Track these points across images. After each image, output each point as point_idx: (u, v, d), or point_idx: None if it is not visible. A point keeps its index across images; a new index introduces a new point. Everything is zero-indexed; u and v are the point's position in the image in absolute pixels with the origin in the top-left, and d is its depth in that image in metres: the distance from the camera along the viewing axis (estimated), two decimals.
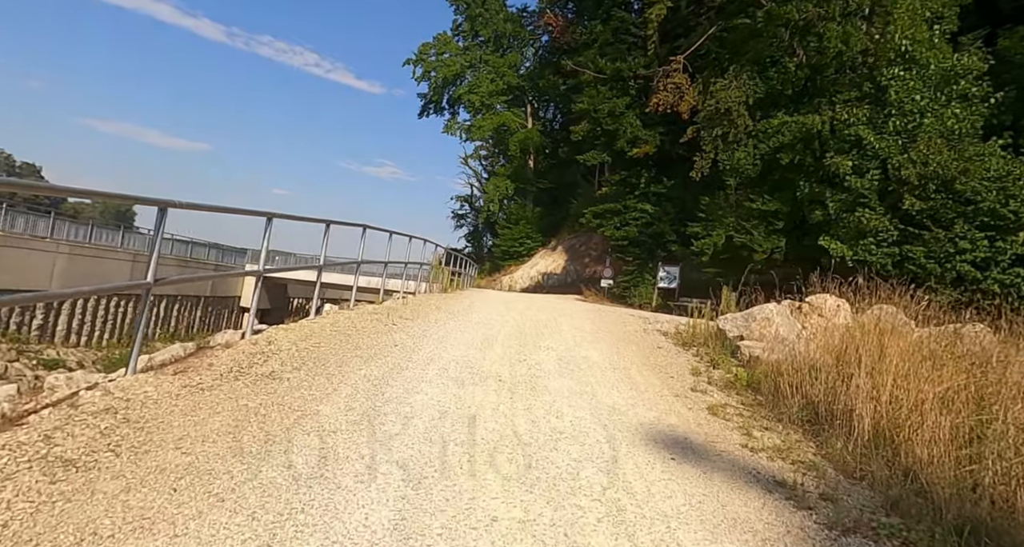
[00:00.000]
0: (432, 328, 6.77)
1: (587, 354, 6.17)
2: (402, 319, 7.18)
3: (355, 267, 8.54)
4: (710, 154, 17.95)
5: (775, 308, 7.27)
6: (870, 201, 13.28)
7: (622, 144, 21.69)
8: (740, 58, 17.66)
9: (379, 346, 5.34)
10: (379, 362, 4.71)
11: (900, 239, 12.87)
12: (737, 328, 7.31)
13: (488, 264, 36.51)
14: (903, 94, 13.25)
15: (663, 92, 18.49)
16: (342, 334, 5.62)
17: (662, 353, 6.82)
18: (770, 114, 17.53)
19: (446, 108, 41.95)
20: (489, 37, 40.34)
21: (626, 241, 22.81)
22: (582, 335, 7.66)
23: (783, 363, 5.60)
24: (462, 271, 19.47)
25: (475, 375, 4.67)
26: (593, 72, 23.27)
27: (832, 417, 4.00)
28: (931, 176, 12.19)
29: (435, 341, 5.93)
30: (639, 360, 6.19)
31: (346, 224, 8.49)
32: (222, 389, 3.43)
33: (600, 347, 6.78)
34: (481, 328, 7.23)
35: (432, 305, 9.46)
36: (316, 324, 5.94)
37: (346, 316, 6.68)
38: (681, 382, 5.31)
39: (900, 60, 13.41)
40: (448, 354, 5.35)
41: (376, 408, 3.54)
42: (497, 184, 37.99)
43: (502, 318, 8.52)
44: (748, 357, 6.42)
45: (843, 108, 14.30)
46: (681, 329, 9.09)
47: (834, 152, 14.39)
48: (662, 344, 7.54)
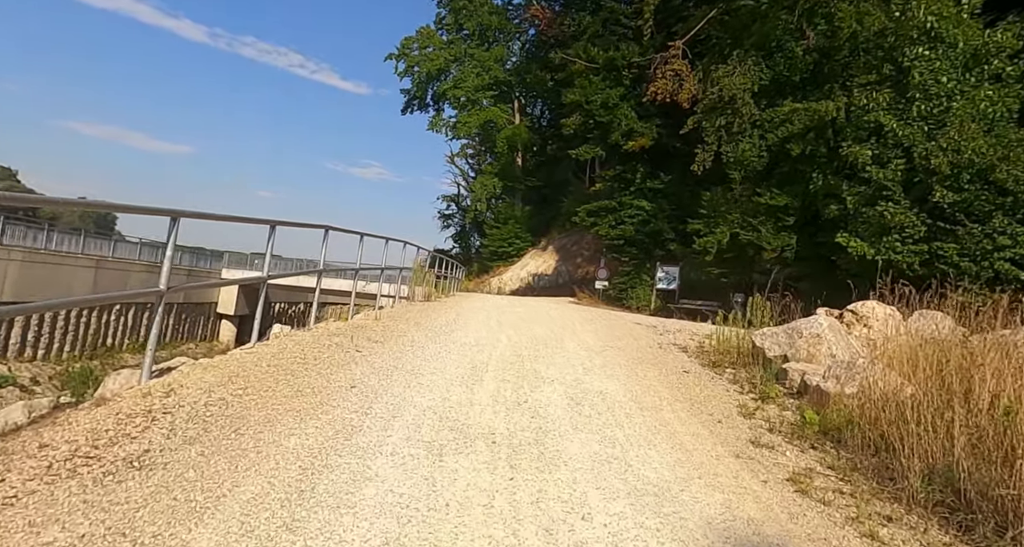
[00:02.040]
0: (406, 355, 5.41)
1: (603, 386, 4.84)
2: (370, 342, 5.81)
3: (317, 275, 7.16)
4: (712, 146, 16.72)
5: (825, 322, 5.99)
6: (894, 194, 12.09)
7: (616, 137, 20.42)
8: (743, 43, 16.45)
9: (330, 389, 3.97)
10: (323, 419, 3.35)
11: (929, 235, 11.69)
12: (779, 346, 6.03)
13: (476, 265, 35.13)
14: (928, 76, 12.07)
15: (661, 80, 17.24)
16: (284, 371, 4.25)
17: (692, 380, 5.51)
18: (776, 103, 16.34)
19: (430, 104, 40.51)
20: (474, 30, 38.95)
21: (622, 240, 21.56)
22: (590, 355, 6.34)
23: (862, 398, 4.33)
24: (448, 274, 18.11)
25: (458, 434, 3.32)
26: (585, 62, 21.98)
27: (991, 501, 2.70)
28: (965, 165, 11.02)
29: (407, 376, 4.57)
30: (668, 393, 4.88)
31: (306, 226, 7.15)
32: (27, 505, 2.05)
33: (615, 373, 5.46)
34: (468, 352, 5.88)
35: (410, 319, 8.09)
36: (252, 356, 4.56)
37: (296, 342, 5.30)
38: (734, 429, 4.01)
39: (924, 38, 12.22)
40: (423, 399, 3.99)
41: (294, 523, 2.18)
42: (484, 182, 36.64)
43: (493, 336, 7.18)
44: (802, 385, 5.14)
45: (861, 93, 13.10)
46: (703, 343, 7.81)
47: (851, 141, 13.21)
48: (687, 366, 6.24)
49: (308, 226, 6.66)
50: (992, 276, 10.93)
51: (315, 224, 7.09)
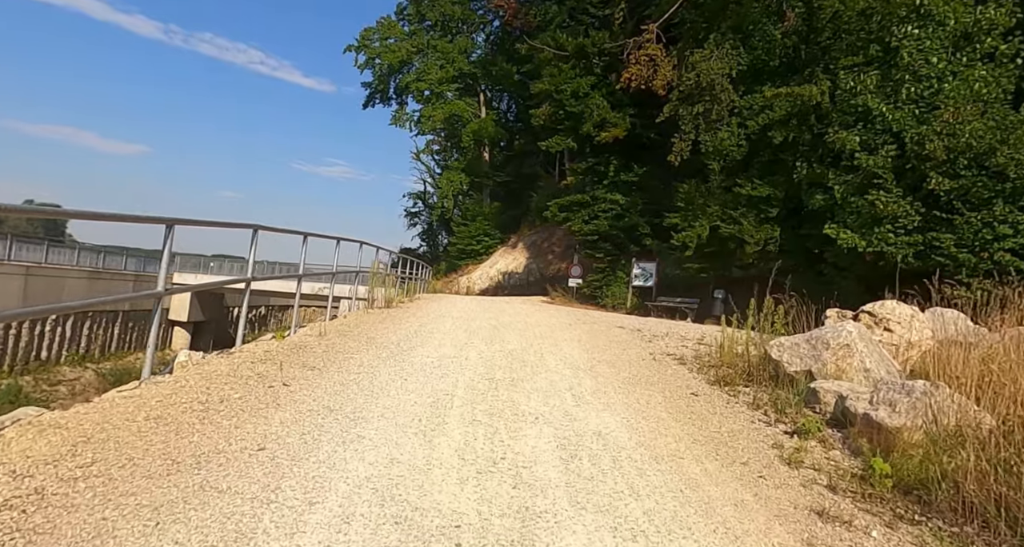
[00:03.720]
0: (349, 388, 4.26)
1: (600, 424, 3.79)
2: (304, 371, 4.63)
3: (245, 284, 5.92)
4: (690, 135, 15.89)
5: (855, 330, 5.05)
6: (885, 182, 11.39)
7: (588, 128, 19.45)
8: (720, 25, 15.63)
9: (226, 456, 2.80)
10: (193, 520, 2.19)
11: (924, 225, 11.03)
12: (800, 359, 5.07)
13: (444, 264, 33.86)
14: (917, 56, 11.40)
15: (635, 66, 16.30)
16: (167, 427, 3.06)
17: (704, 406, 4.50)
18: (754, 89, 15.59)
19: (393, 98, 39.00)
20: (436, 21, 37.56)
21: (596, 236, 20.63)
22: (576, 375, 5.29)
23: (930, 433, 3.37)
24: (414, 275, 16.89)
25: (406, 534, 2.21)
26: (553, 49, 20.94)
27: None
28: (962, 149, 10.35)
29: (344, 424, 3.42)
30: (681, 429, 3.85)
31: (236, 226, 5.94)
32: None
33: (612, 401, 4.42)
34: (429, 378, 4.76)
35: (363, 333, 6.91)
36: (131, 403, 3.35)
37: (204, 376, 4.09)
38: (783, 489, 2.99)
39: (913, 16, 11.54)
40: (360, 464, 2.86)
41: None
42: (451, 178, 35.37)
43: (460, 351, 6.06)
44: (840, 411, 4.17)
45: (847, 75, 12.38)
46: (699, 351, 6.85)
47: (837, 127, 12.49)
48: (692, 384, 5.24)
49: (221, 225, 5.43)
50: (991, 268, 10.30)
51: (241, 223, 5.88)
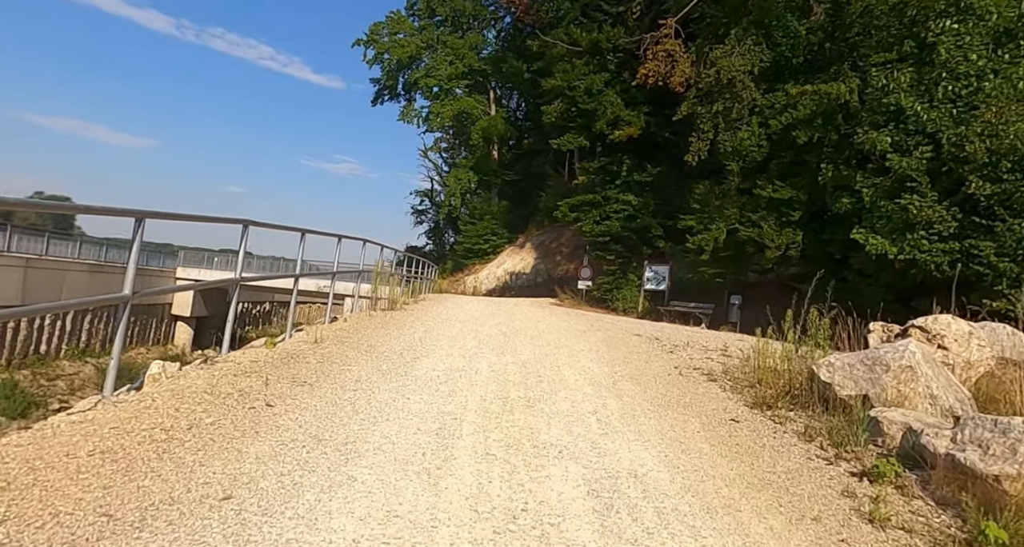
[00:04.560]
0: (342, 411, 3.69)
1: (635, 461, 3.22)
2: (293, 387, 4.08)
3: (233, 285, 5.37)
4: (708, 134, 15.27)
5: (919, 350, 4.45)
6: (919, 185, 10.75)
7: (602, 126, 18.83)
8: (741, 20, 15.00)
9: (178, 509, 2.24)
10: None
11: (960, 232, 10.39)
12: (855, 382, 4.48)
13: (451, 263, 33.32)
14: (956, 53, 10.75)
15: (652, 61, 15.69)
16: (115, 464, 2.50)
17: (749, 437, 3.92)
18: (776, 87, 14.97)
19: (402, 94, 38.47)
20: (447, 16, 37.03)
21: (607, 237, 20.02)
22: (599, 393, 4.72)
23: None
24: (420, 274, 16.34)
25: None
26: (567, 44, 20.34)
27: None
28: (1005, 151, 9.70)
29: (332, 461, 2.86)
30: (730, 467, 3.27)
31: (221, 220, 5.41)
32: None
33: (643, 428, 3.85)
34: (435, 397, 4.20)
35: (363, 339, 6.36)
36: (79, 429, 2.79)
37: (175, 393, 3.54)
38: None
39: (953, 11, 10.89)
40: (347, 520, 2.29)
41: None
42: (459, 176, 34.81)
43: (469, 363, 5.50)
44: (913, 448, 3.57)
45: (879, 72, 11.73)
46: (730, 366, 6.26)
47: (867, 127, 11.85)
48: (730, 406, 4.66)
49: (195, 219, 4.89)
50: None
51: (231, 219, 5.34)
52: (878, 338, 6.39)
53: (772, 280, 16.58)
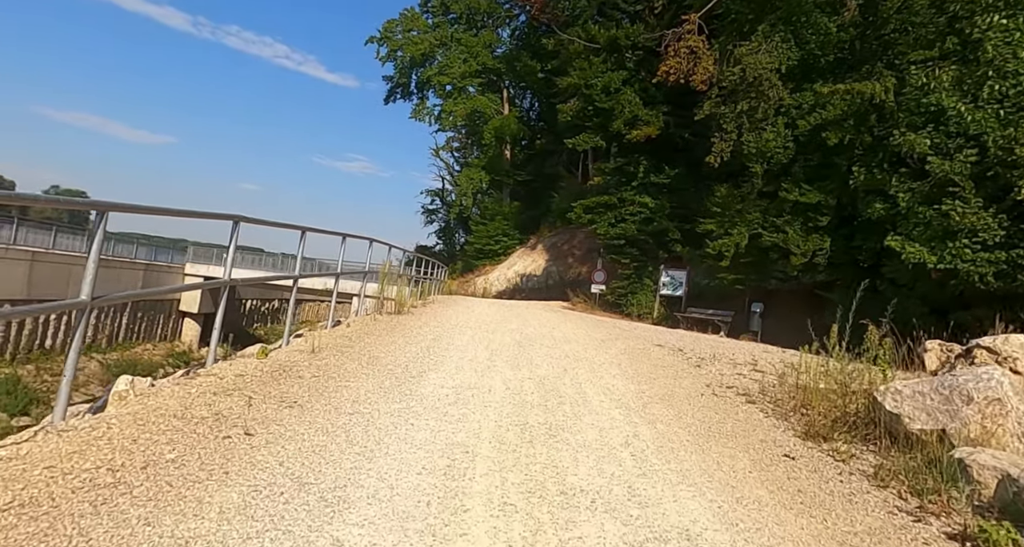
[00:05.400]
0: (335, 441, 3.15)
1: (683, 514, 2.66)
2: (280, 409, 3.55)
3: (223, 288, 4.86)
4: (732, 134, 14.62)
5: (1006, 379, 3.84)
6: (962, 190, 10.07)
7: (619, 125, 18.22)
8: (768, 17, 14.36)
9: None
10: None
11: (1008, 241, 9.71)
12: (928, 414, 3.87)
13: (460, 263, 32.80)
14: (1004, 50, 10.06)
15: (674, 59, 15.06)
16: (33, 523, 1.98)
17: (810, 479, 3.34)
18: (804, 86, 14.32)
19: (415, 92, 38.03)
20: (461, 13, 36.54)
21: (622, 240, 19.38)
22: (629, 419, 4.16)
23: None
24: (429, 274, 15.84)
25: None
26: (584, 41, 19.75)
27: None
28: None
29: (317, 513, 2.32)
30: (805, 531, 2.71)
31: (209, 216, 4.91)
32: None
33: (685, 466, 3.28)
34: (444, 423, 3.65)
35: (364, 349, 5.82)
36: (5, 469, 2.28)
37: (136, 418, 3.02)
38: None
39: (1001, 5, 10.20)
40: None
41: None
42: (470, 175, 34.30)
43: (483, 380, 4.94)
44: (1009, 496, 2.98)
45: (918, 71, 11.06)
46: (766, 384, 5.66)
47: (904, 128, 11.17)
48: (779, 438, 4.08)
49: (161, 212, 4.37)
50: None
51: (221, 214, 4.83)
52: (935, 359, 5.77)
53: (795, 288, 15.89)
